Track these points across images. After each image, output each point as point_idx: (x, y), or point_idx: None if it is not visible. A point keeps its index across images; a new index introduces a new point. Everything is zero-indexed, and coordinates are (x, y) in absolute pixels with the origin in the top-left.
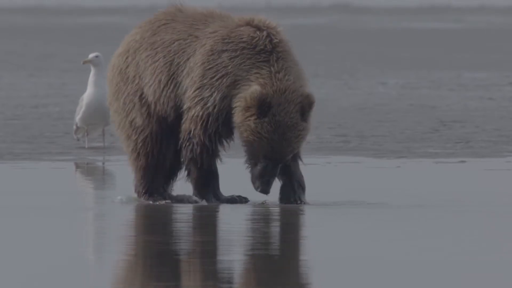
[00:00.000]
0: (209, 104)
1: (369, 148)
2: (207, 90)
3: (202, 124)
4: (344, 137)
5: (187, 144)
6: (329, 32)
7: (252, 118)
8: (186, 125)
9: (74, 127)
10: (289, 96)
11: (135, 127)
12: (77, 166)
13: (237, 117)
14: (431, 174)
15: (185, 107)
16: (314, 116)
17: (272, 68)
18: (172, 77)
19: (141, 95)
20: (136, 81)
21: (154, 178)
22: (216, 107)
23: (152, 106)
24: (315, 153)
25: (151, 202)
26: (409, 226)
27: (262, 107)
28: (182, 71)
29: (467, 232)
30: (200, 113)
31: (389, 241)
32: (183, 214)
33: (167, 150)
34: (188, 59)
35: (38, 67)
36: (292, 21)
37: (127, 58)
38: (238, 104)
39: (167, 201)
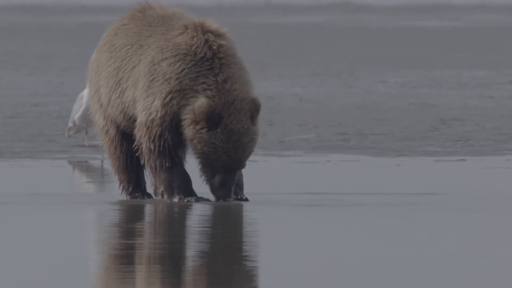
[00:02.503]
0: (152, 110)
1: (369, 146)
2: (150, 98)
3: (146, 129)
4: (344, 136)
5: (140, 151)
6: (328, 31)
7: (204, 130)
8: (136, 134)
9: (70, 124)
10: (238, 106)
11: (100, 128)
12: (77, 164)
13: (188, 130)
14: (431, 172)
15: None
16: (262, 117)
17: (218, 78)
18: (118, 83)
19: (99, 96)
20: (95, 81)
21: (125, 177)
22: (158, 113)
23: (106, 109)
24: (315, 152)
25: (128, 198)
26: (408, 225)
27: (212, 119)
28: (127, 79)
29: (467, 231)
30: (144, 119)
31: (388, 240)
32: (184, 215)
33: (130, 151)
34: (133, 67)
35: (38, 66)
36: (291, 19)
37: (95, 56)
38: (188, 116)
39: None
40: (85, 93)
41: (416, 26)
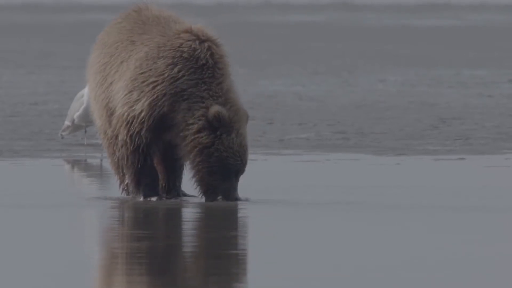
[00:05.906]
0: (135, 107)
1: (368, 145)
2: (136, 94)
3: (126, 124)
4: (344, 134)
5: (114, 142)
6: (328, 30)
7: (223, 136)
8: (113, 123)
9: (68, 123)
10: (242, 114)
11: (98, 127)
12: (76, 163)
13: (202, 138)
14: (430, 171)
15: (115, 109)
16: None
17: (223, 86)
18: (105, 78)
19: (92, 96)
20: (89, 82)
21: (123, 176)
22: (144, 111)
23: (95, 108)
24: (315, 150)
25: (124, 195)
26: (408, 225)
27: (229, 125)
28: (114, 73)
29: (467, 230)
30: (126, 113)
31: (388, 240)
32: (179, 216)
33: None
34: (121, 62)
35: (38, 64)
36: (291, 18)
37: (91, 57)
38: (198, 122)
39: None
40: (85, 91)
41: (416, 25)
